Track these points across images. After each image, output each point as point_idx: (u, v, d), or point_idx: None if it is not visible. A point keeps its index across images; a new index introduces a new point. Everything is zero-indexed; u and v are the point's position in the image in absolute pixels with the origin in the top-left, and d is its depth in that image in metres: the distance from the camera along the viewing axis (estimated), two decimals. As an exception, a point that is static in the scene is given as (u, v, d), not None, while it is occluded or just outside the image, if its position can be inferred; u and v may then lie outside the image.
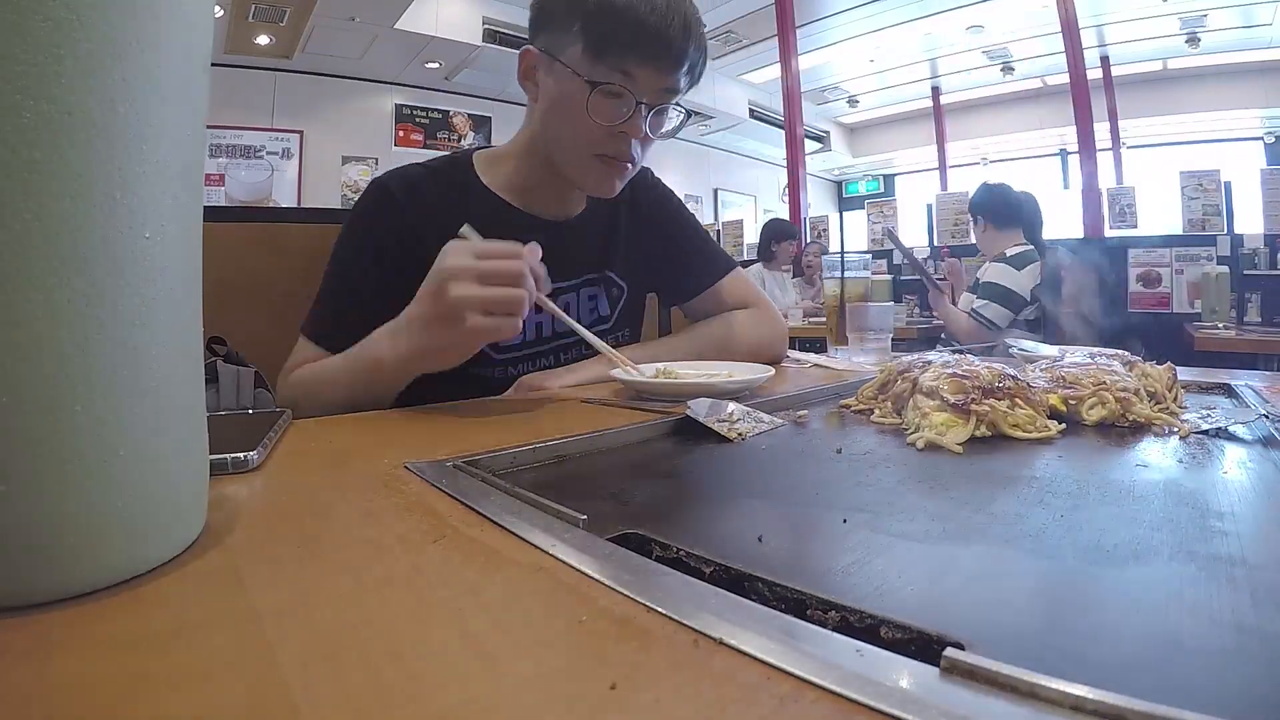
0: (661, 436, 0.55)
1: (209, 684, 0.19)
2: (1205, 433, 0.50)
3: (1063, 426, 0.52)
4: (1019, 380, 0.55)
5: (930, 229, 4.66)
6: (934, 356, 0.63)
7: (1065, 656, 0.21)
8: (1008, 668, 0.18)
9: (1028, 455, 0.46)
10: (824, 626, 0.22)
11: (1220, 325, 3.03)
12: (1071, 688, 0.17)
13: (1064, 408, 0.56)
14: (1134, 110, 6.48)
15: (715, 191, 8.38)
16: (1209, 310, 3.14)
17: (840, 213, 9.07)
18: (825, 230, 5.12)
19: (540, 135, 0.84)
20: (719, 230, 5.83)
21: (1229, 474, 0.41)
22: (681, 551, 0.29)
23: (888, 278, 4.70)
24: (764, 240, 4.10)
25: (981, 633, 0.21)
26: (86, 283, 0.23)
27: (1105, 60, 6.25)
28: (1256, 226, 3.61)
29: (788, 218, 4.64)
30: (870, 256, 1.30)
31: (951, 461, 0.45)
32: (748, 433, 0.53)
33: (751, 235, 5.05)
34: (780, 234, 4.10)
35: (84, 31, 0.22)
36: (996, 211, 2.41)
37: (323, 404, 0.71)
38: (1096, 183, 4.62)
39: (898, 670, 0.19)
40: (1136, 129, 6.78)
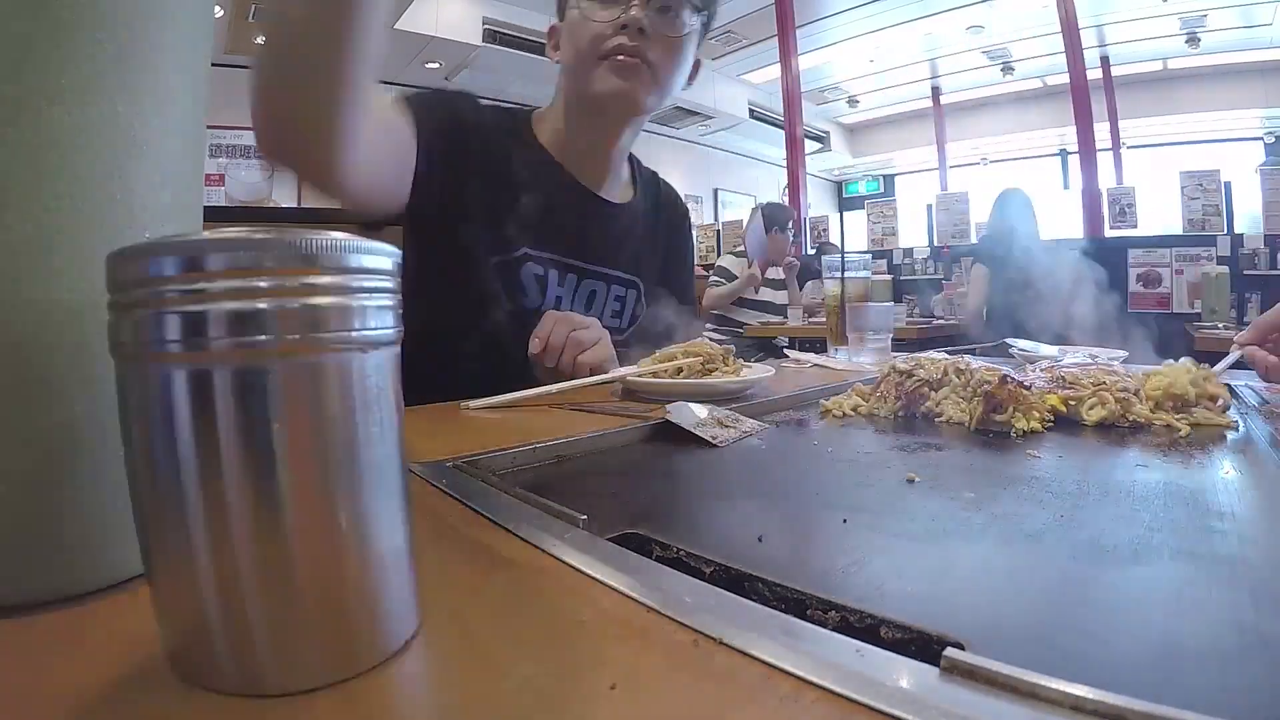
0: (661, 437, 0.55)
1: (209, 684, 0.19)
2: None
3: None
4: (1019, 381, 0.55)
5: (930, 229, 4.66)
6: (936, 356, 0.63)
7: (1065, 656, 0.21)
8: (1008, 668, 0.18)
9: (1028, 455, 0.46)
10: (824, 626, 0.22)
11: (1220, 325, 3.03)
12: (1071, 688, 0.17)
13: (1064, 408, 0.56)
14: (1134, 110, 6.47)
15: (715, 191, 8.37)
16: (1209, 310, 3.14)
17: (840, 213, 9.07)
18: (825, 230, 5.12)
19: (565, 79, 0.87)
20: (719, 230, 5.83)
21: (1229, 474, 0.41)
22: (681, 551, 0.29)
23: (888, 278, 4.71)
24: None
25: (981, 633, 0.21)
26: (86, 283, 0.23)
27: (1105, 60, 6.24)
28: (1256, 226, 3.61)
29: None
30: (870, 256, 1.32)
31: (951, 462, 0.45)
32: (730, 439, 0.52)
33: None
34: (772, 220, 3.34)
35: (85, 31, 0.22)
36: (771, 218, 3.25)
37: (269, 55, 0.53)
38: (1096, 183, 4.61)
39: (898, 670, 0.19)
40: (1136, 129, 6.77)
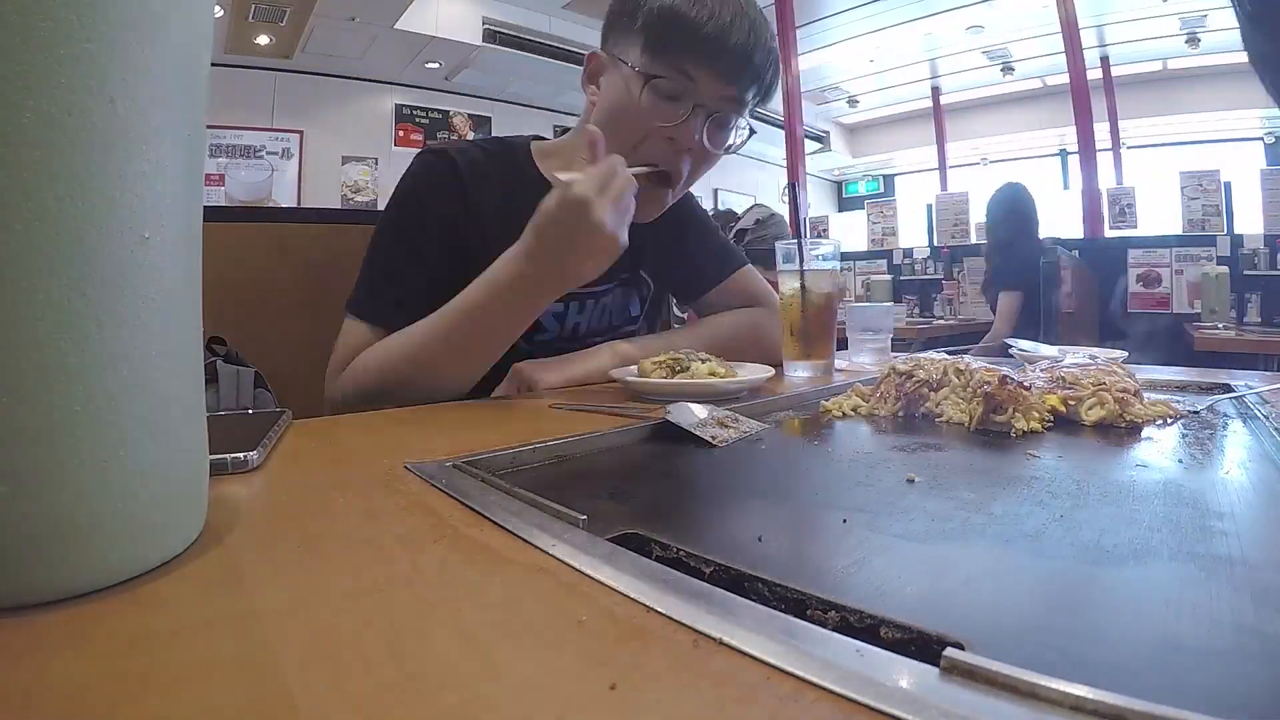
0: (661, 437, 0.55)
1: (209, 684, 0.19)
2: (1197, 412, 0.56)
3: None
4: (1019, 381, 0.55)
5: (930, 229, 4.66)
6: (936, 356, 0.63)
7: (1065, 656, 0.21)
8: (1008, 668, 0.18)
9: (1027, 456, 0.46)
10: (824, 626, 0.22)
11: (1220, 325, 3.03)
12: (1071, 688, 0.17)
13: (1064, 408, 0.56)
14: (1134, 110, 6.47)
15: (715, 191, 8.37)
16: (1209, 310, 3.14)
17: (839, 213, 9.07)
18: (825, 230, 5.12)
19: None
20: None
21: (1229, 474, 0.41)
22: (681, 551, 0.29)
23: (887, 278, 4.72)
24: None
25: (981, 633, 0.21)
26: (86, 283, 0.23)
27: (1105, 60, 6.24)
28: (1256, 227, 3.61)
29: (787, 218, 4.60)
30: (838, 244, 0.88)
31: (951, 462, 0.45)
32: (730, 439, 0.52)
33: (751, 235, 5.04)
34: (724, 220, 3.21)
35: (84, 31, 0.22)
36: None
37: (403, 378, 0.67)
38: (1096, 183, 4.62)
39: (898, 670, 0.19)
40: (1136, 129, 6.77)
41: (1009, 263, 2.85)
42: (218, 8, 4.13)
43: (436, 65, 5.72)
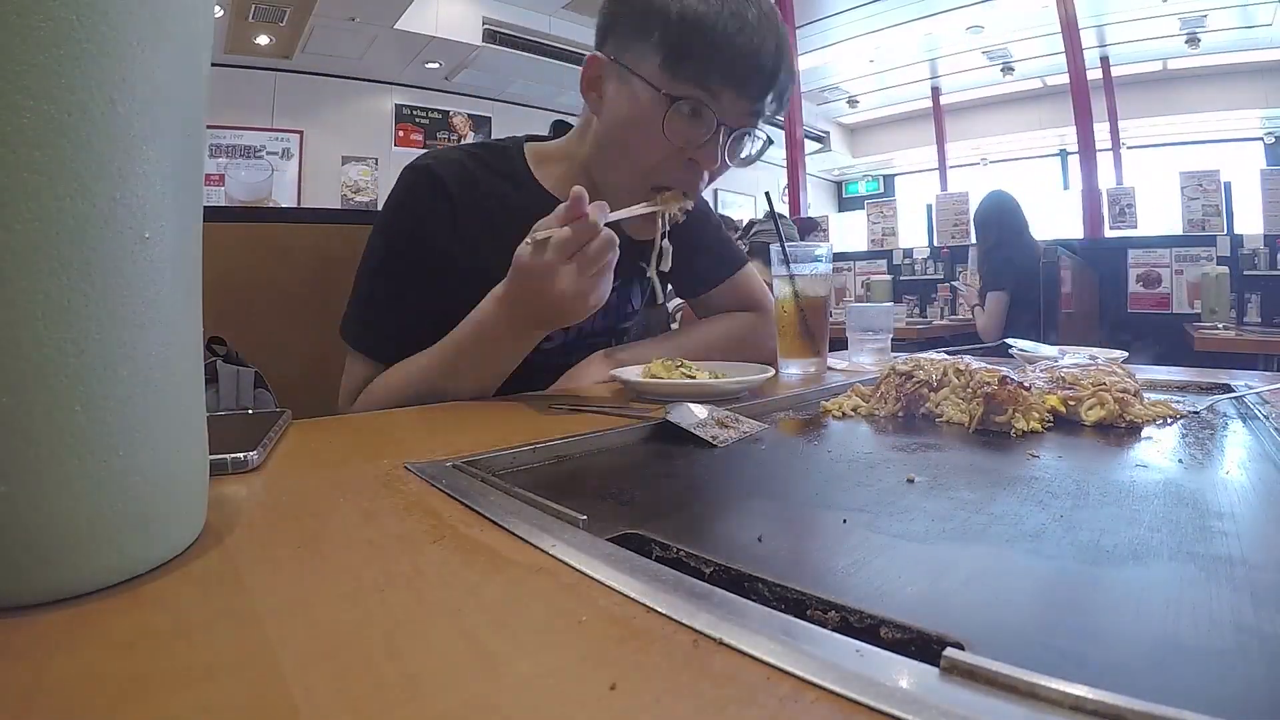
0: (661, 437, 0.55)
1: (209, 684, 0.19)
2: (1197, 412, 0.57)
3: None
4: (1019, 382, 0.55)
5: (930, 229, 4.66)
6: (936, 357, 0.63)
7: (1065, 656, 0.21)
8: (1007, 668, 0.18)
9: (1027, 456, 0.46)
10: (824, 626, 0.22)
11: (1220, 325, 3.03)
12: (1071, 688, 0.17)
13: (1064, 409, 0.56)
14: (1134, 110, 6.47)
15: (715, 191, 8.38)
16: (1209, 310, 3.15)
17: (839, 213, 9.07)
18: (825, 230, 5.12)
19: (595, 151, 0.78)
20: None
21: (1229, 474, 0.41)
22: (681, 551, 0.29)
23: (887, 278, 4.72)
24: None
25: (981, 633, 0.21)
26: (86, 283, 0.23)
27: (1105, 60, 6.24)
28: (1256, 227, 3.61)
29: (786, 216, 4.60)
30: (830, 247, 0.91)
31: (951, 462, 0.45)
32: (730, 439, 0.52)
33: (751, 235, 5.04)
34: None
35: (84, 31, 0.22)
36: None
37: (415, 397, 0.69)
38: (1096, 183, 4.62)
39: (898, 670, 0.19)
40: (1136, 129, 6.77)
41: (995, 265, 2.90)
42: (218, 8, 4.13)
43: (436, 65, 5.73)
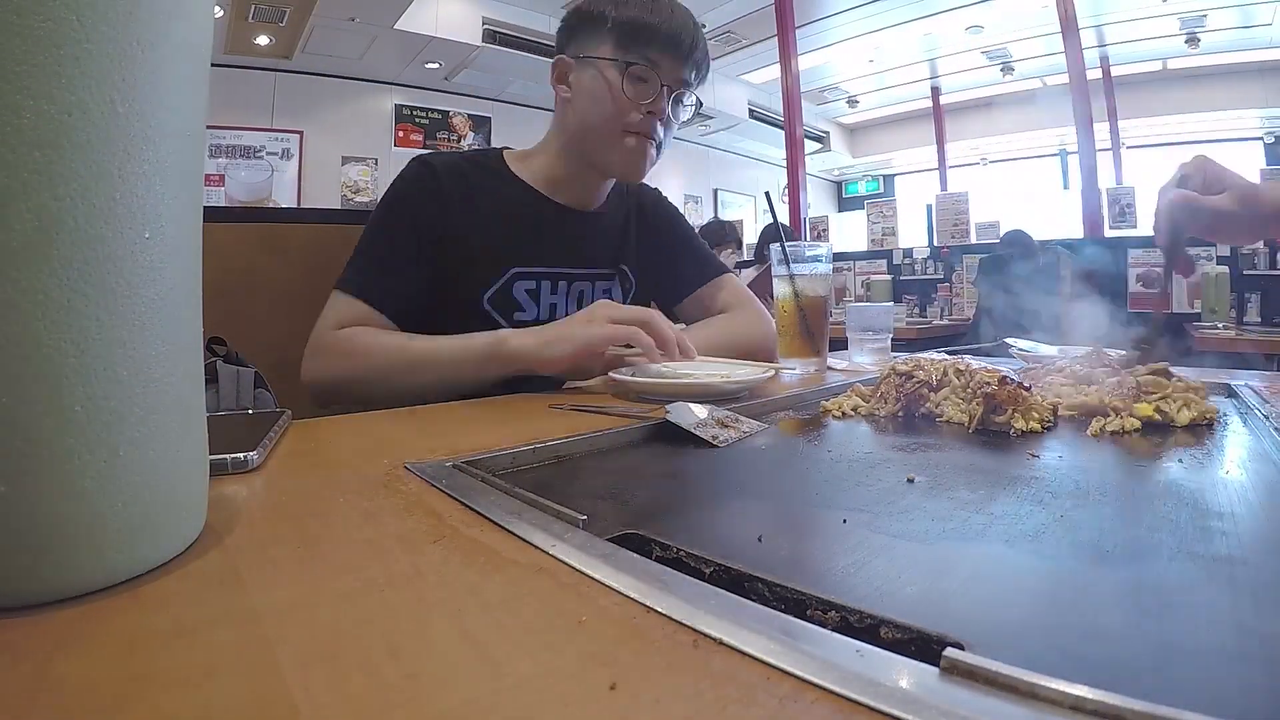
0: (661, 437, 0.55)
1: (209, 684, 0.19)
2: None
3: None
4: (1019, 382, 0.55)
5: (930, 229, 4.66)
6: (936, 357, 0.63)
7: (1065, 656, 0.21)
8: (1008, 668, 0.18)
9: (1027, 456, 0.46)
10: (824, 626, 0.22)
11: (1220, 325, 3.04)
12: (1071, 688, 0.17)
13: (1157, 415, 0.54)
14: (1134, 110, 6.47)
15: (715, 192, 8.37)
16: (1209, 310, 3.15)
17: (839, 213, 9.07)
18: (825, 230, 5.12)
19: (574, 128, 0.93)
20: (719, 230, 5.83)
21: (1229, 474, 0.41)
22: (681, 551, 0.29)
23: (887, 278, 4.72)
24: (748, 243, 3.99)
25: (981, 633, 0.21)
26: (86, 283, 0.23)
27: (1105, 60, 6.24)
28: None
29: (787, 218, 4.59)
30: (830, 247, 0.97)
31: (951, 462, 0.45)
32: (730, 439, 0.52)
33: (751, 235, 5.05)
34: (715, 238, 3.21)
35: (84, 31, 0.22)
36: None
37: (384, 370, 0.80)
38: (1096, 183, 4.62)
39: (898, 670, 0.19)
40: (1136, 129, 6.77)
41: (1007, 276, 3.00)
42: (218, 8, 4.13)
43: (436, 65, 5.72)
